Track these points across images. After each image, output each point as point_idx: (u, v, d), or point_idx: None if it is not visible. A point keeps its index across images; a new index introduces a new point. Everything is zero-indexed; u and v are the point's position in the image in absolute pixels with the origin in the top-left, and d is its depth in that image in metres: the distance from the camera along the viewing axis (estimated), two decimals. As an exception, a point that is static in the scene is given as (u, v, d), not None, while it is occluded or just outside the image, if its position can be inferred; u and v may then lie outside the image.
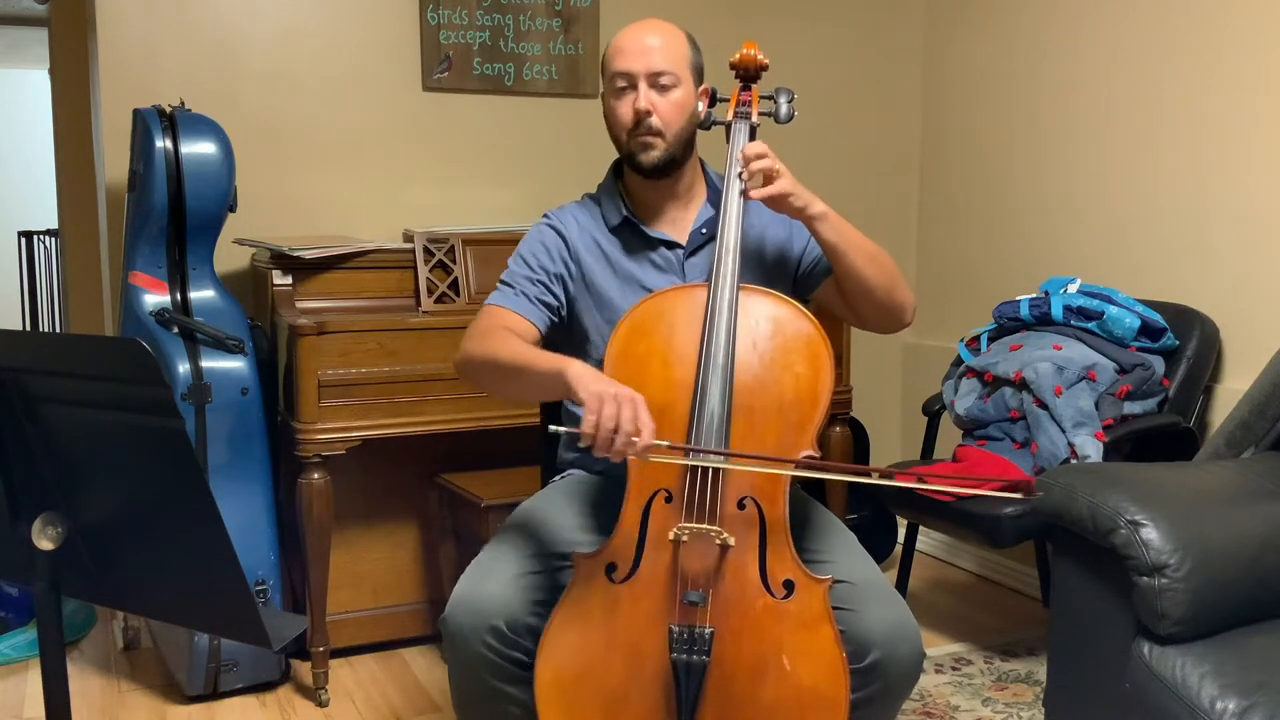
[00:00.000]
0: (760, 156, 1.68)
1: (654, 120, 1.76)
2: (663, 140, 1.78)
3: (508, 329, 1.74)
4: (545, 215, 1.92)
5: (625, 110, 1.78)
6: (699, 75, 1.83)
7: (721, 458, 1.56)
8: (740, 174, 1.70)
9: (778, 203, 1.69)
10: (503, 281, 1.84)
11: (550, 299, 1.83)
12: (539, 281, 1.82)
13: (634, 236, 1.86)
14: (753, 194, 1.69)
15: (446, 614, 1.60)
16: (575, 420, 1.90)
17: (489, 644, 1.56)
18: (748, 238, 1.77)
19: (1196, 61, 2.82)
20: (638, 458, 1.51)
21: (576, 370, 1.54)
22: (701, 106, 1.83)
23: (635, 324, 1.67)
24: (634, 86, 1.77)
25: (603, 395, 1.47)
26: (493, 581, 1.60)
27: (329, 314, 2.65)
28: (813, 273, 1.87)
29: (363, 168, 3.08)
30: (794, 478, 1.63)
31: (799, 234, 1.86)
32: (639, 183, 1.85)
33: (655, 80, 1.76)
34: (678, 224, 1.88)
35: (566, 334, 1.88)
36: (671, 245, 1.86)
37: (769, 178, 1.68)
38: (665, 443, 1.53)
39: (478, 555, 1.70)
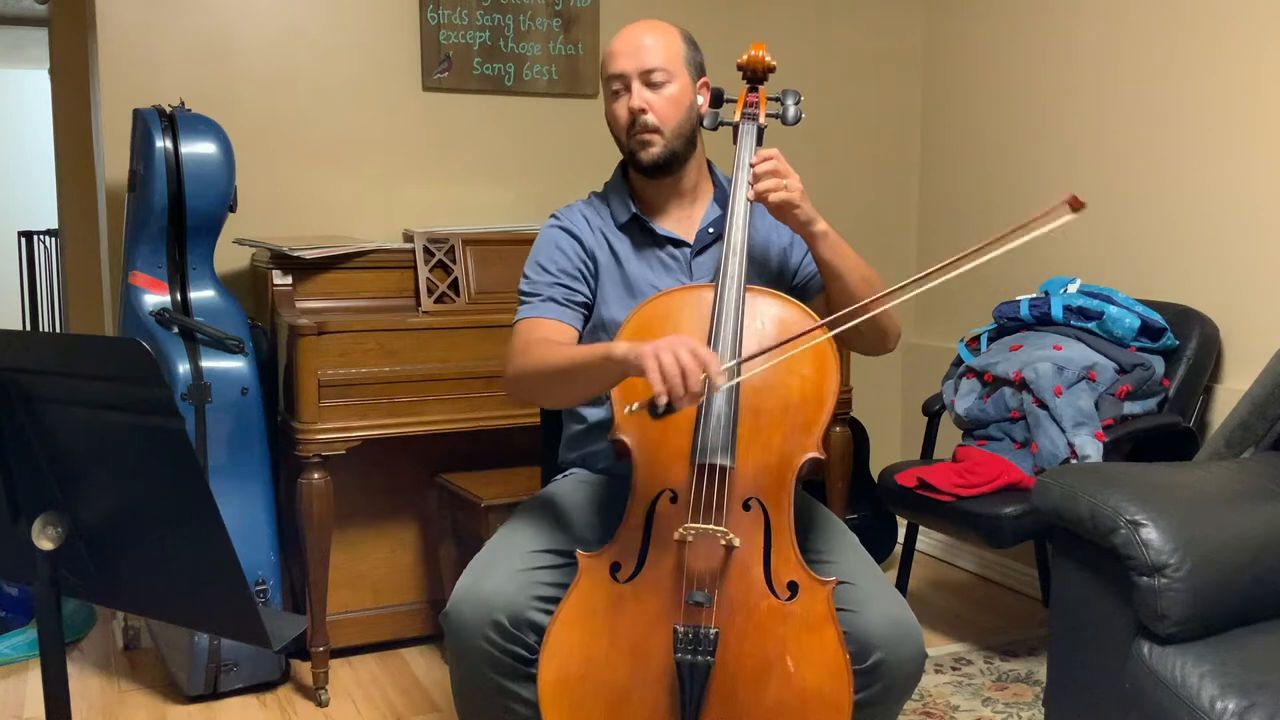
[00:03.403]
0: (770, 172, 1.67)
1: (649, 117, 1.77)
2: (660, 136, 1.78)
3: (545, 340, 1.74)
4: (553, 216, 1.91)
5: (621, 111, 1.79)
6: (697, 71, 1.82)
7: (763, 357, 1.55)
8: (749, 179, 1.69)
9: (782, 211, 1.69)
10: (525, 293, 1.82)
11: (579, 297, 1.82)
12: (562, 285, 1.81)
13: (642, 234, 1.86)
14: (765, 197, 1.67)
15: (449, 608, 1.60)
16: (577, 418, 1.90)
17: (490, 638, 1.56)
18: (753, 241, 1.77)
19: (1196, 61, 2.82)
20: (718, 389, 1.49)
21: (620, 346, 1.52)
22: (702, 101, 1.82)
23: (641, 323, 1.67)
24: (628, 87, 1.77)
25: (654, 350, 1.45)
26: (495, 575, 1.60)
27: (329, 314, 2.65)
28: (806, 288, 1.88)
29: (363, 168, 3.08)
30: (798, 480, 1.62)
31: (798, 246, 1.87)
32: (644, 181, 1.85)
33: (647, 78, 1.77)
34: (684, 223, 1.88)
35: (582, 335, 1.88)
36: (679, 244, 1.86)
37: (776, 186, 1.68)
38: (732, 361, 1.53)
39: (480, 550, 1.70)
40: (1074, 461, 2.55)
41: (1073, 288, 2.89)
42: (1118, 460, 2.61)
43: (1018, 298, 2.96)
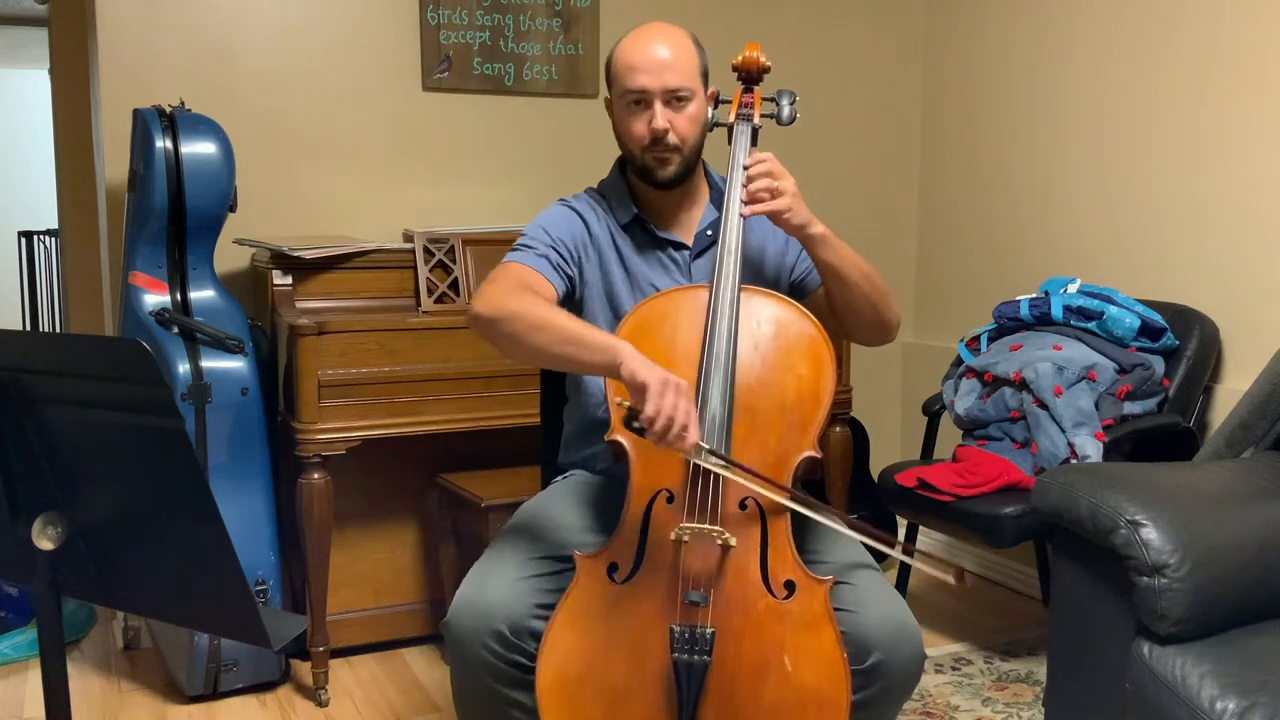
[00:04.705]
0: (763, 174, 1.67)
1: (671, 137, 1.75)
2: (679, 155, 1.77)
3: (535, 290, 1.69)
4: (562, 200, 1.90)
5: (640, 128, 1.76)
6: (707, 79, 1.82)
7: (761, 484, 1.55)
8: (743, 183, 1.70)
9: (775, 219, 1.69)
10: (523, 244, 1.79)
11: (570, 271, 1.81)
12: (559, 252, 1.79)
13: (644, 235, 1.86)
14: (746, 210, 1.68)
15: (449, 618, 1.60)
16: (577, 419, 1.90)
17: (491, 648, 1.55)
18: (749, 241, 1.77)
19: (1195, 61, 2.82)
20: (681, 454, 1.50)
21: (631, 352, 1.51)
22: (709, 110, 1.82)
23: (638, 324, 1.67)
24: (649, 104, 1.75)
25: (667, 382, 1.46)
26: (495, 585, 1.60)
27: (329, 314, 2.65)
28: (804, 283, 1.88)
29: (363, 168, 3.08)
30: (795, 479, 1.62)
31: (794, 244, 1.86)
32: (645, 186, 1.84)
33: (671, 97, 1.75)
34: (683, 225, 1.88)
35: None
36: (679, 246, 1.86)
37: (769, 194, 1.67)
38: (708, 446, 1.52)
39: (480, 558, 1.70)
40: (1074, 461, 2.55)
41: (1073, 288, 2.89)
42: (1118, 460, 2.61)
43: (1018, 298, 2.96)
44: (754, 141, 1.78)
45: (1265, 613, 1.79)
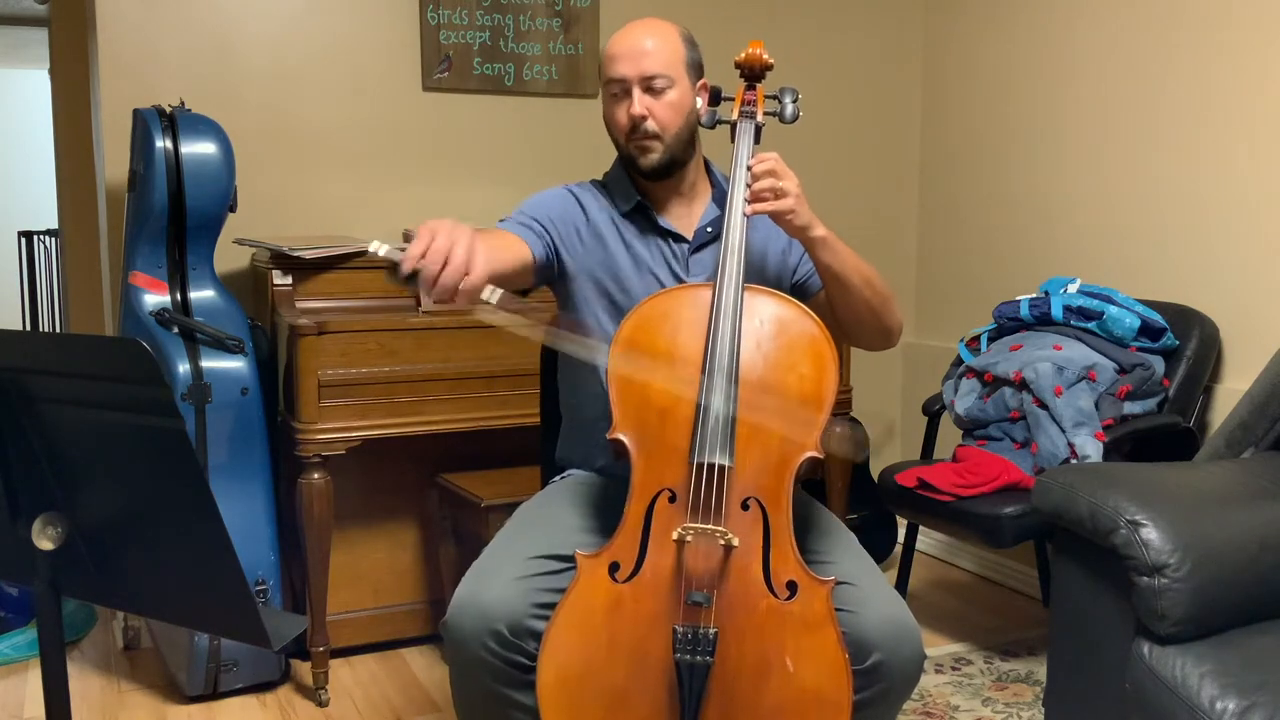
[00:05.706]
0: (767, 173, 1.67)
1: (649, 124, 1.77)
2: (660, 142, 1.78)
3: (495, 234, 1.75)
4: (566, 186, 1.92)
5: (621, 116, 1.79)
6: (696, 72, 1.82)
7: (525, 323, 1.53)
8: (747, 183, 1.69)
9: (777, 220, 1.69)
10: (509, 216, 1.87)
11: (549, 241, 1.84)
12: (541, 224, 1.84)
13: (646, 222, 1.87)
14: (749, 209, 1.68)
15: (448, 618, 1.60)
16: (574, 414, 1.90)
17: (490, 648, 1.55)
18: (752, 240, 1.77)
19: (1195, 61, 2.82)
20: (470, 305, 1.46)
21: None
22: (700, 103, 1.82)
23: (639, 322, 1.67)
24: (628, 92, 1.77)
25: (437, 227, 1.46)
26: (494, 584, 1.60)
27: (329, 314, 2.65)
28: (806, 285, 1.88)
29: (363, 168, 3.08)
30: (796, 479, 1.62)
31: (797, 245, 1.86)
32: (643, 180, 1.85)
33: (648, 84, 1.76)
34: (683, 220, 1.88)
35: (568, 308, 1.88)
36: (678, 238, 1.86)
37: (773, 194, 1.68)
38: (500, 291, 1.46)
39: (478, 558, 1.70)
40: (1074, 461, 2.55)
41: (1073, 288, 2.89)
42: (1118, 460, 2.61)
43: (1018, 298, 2.96)
44: (757, 139, 1.78)
45: (1265, 613, 1.80)
